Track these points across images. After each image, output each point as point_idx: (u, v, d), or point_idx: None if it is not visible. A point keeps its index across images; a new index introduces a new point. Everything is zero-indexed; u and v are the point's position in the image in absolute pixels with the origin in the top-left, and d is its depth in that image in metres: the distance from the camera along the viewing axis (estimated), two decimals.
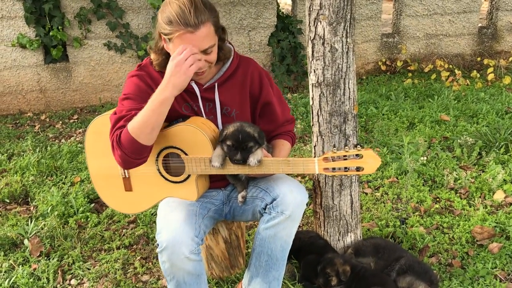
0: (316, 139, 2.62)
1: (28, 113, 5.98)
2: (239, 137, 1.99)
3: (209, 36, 1.94)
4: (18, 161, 4.28)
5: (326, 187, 2.65)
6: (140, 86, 2.07)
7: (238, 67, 2.22)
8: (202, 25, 1.90)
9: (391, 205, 3.28)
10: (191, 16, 1.87)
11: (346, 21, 2.43)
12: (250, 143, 2.01)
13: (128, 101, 2.03)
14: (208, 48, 1.95)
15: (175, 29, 1.89)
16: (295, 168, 2.03)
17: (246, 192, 2.18)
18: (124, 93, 2.07)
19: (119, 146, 1.91)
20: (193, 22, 1.87)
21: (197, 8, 1.89)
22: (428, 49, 7.04)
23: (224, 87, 2.18)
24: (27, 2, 5.51)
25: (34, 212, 3.42)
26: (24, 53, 5.78)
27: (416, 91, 5.88)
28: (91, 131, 2.22)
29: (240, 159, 1.98)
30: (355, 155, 1.98)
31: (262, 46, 6.41)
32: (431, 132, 4.48)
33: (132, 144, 1.89)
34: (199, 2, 1.91)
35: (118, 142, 1.91)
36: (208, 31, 1.93)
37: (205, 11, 1.91)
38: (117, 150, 1.93)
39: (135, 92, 2.05)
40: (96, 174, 2.26)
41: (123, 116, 1.97)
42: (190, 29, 1.88)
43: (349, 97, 2.53)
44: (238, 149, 1.99)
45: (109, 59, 6.06)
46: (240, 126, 2.04)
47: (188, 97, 2.14)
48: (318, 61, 2.49)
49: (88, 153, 2.25)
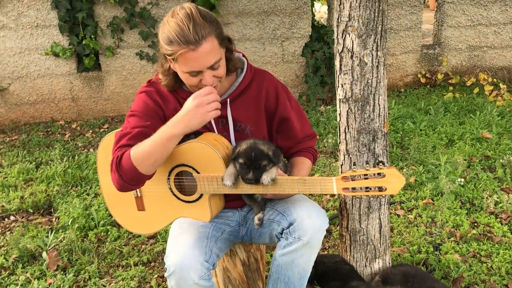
0: (343, 157, 2.49)
1: (60, 121, 6.06)
2: (252, 155, 1.90)
3: (214, 51, 1.84)
4: (45, 170, 4.31)
5: (353, 209, 2.51)
6: (148, 103, 2.00)
7: (252, 80, 2.11)
8: (203, 40, 1.80)
9: (425, 229, 3.10)
10: (190, 32, 1.78)
11: (376, 34, 2.31)
12: (264, 162, 1.91)
13: (134, 118, 1.97)
14: (214, 63, 1.86)
15: (176, 48, 1.80)
16: (312, 188, 1.91)
17: (263, 214, 2.08)
18: (131, 110, 2.02)
19: (118, 169, 1.86)
20: (193, 39, 1.78)
21: (196, 23, 1.79)
22: (471, 62, 6.77)
23: (237, 102, 2.09)
24: (61, 11, 5.60)
25: (55, 224, 3.41)
26: (57, 62, 5.87)
27: (457, 105, 5.65)
28: (102, 148, 2.16)
29: (252, 179, 1.88)
30: (376, 174, 1.84)
31: (295, 56, 6.31)
32: (471, 150, 4.26)
33: (131, 171, 1.84)
34: (197, 16, 1.81)
35: (117, 165, 1.86)
36: (212, 45, 1.83)
37: (205, 25, 1.81)
38: (115, 173, 1.87)
39: (142, 110, 1.99)
40: (108, 192, 2.20)
41: (126, 134, 1.91)
42: (191, 46, 1.79)
43: (379, 114, 2.39)
44: (250, 167, 1.89)
45: (141, 69, 6.08)
46: (253, 144, 1.94)
47: None
48: (346, 75, 2.37)
49: (100, 171, 2.20)
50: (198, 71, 1.86)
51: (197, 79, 1.90)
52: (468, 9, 6.51)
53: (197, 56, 1.81)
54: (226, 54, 1.97)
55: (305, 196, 2.10)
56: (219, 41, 1.87)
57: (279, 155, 1.96)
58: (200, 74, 1.88)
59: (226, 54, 1.97)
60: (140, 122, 1.93)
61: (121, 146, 1.89)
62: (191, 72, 1.87)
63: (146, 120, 1.93)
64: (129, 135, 1.91)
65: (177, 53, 1.81)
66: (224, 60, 1.94)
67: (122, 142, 1.90)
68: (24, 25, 5.65)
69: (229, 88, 2.08)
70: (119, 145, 1.90)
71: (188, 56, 1.81)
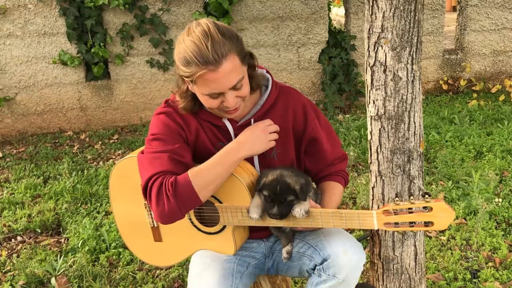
0: (374, 179, 2.33)
1: (68, 131, 5.96)
2: (277, 188, 1.75)
3: (235, 69, 1.70)
4: (53, 185, 4.20)
5: (386, 236, 2.35)
6: (170, 125, 1.86)
7: (277, 99, 1.97)
8: (224, 59, 1.65)
9: (460, 252, 2.94)
10: (209, 51, 1.63)
11: (412, 46, 2.16)
12: (290, 197, 1.76)
13: (158, 143, 1.82)
14: (237, 83, 1.72)
15: (194, 70, 1.66)
16: (349, 223, 1.76)
17: (291, 247, 1.93)
18: (152, 133, 1.86)
19: (175, 197, 1.69)
20: (212, 59, 1.64)
21: (214, 40, 1.65)
22: (495, 67, 6.59)
23: None
24: (69, 18, 5.51)
25: (65, 246, 3.28)
26: (65, 70, 5.78)
27: (483, 114, 5.47)
28: (116, 174, 2.02)
29: (276, 214, 1.74)
30: (422, 208, 1.69)
31: (312, 63, 6.16)
32: (502, 163, 4.08)
33: (191, 198, 1.71)
34: (215, 33, 1.67)
35: (174, 193, 1.69)
36: (233, 64, 1.68)
37: (224, 42, 1.66)
38: (168, 201, 1.70)
39: (165, 132, 1.84)
40: (122, 221, 2.06)
41: (155, 158, 1.77)
42: (211, 67, 1.64)
43: (414, 132, 2.24)
44: (275, 202, 1.75)
45: (152, 77, 5.97)
46: (279, 176, 1.79)
47: (221, 135, 1.92)
48: (378, 91, 2.22)
49: (113, 198, 2.06)
50: (219, 92, 1.72)
51: (218, 101, 1.76)
52: (492, 12, 6.34)
53: (218, 76, 1.67)
54: (249, 71, 1.83)
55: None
56: (241, 58, 1.73)
57: (307, 191, 1.79)
58: (222, 96, 1.74)
59: (249, 71, 1.83)
60: (167, 146, 1.80)
61: (159, 174, 1.74)
62: (211, 94, 1.73)
63: (172, 143, 1.80)
64: (158, 160, 1.76)
65: (196, 75, 1.66)
66: (247, 78, 1.80)
67: (157, 170, 1.75)
68: (31, 33, 5.57)
69: (253, 107, 1.94)
70: (156, 173, 1.74)
71: (208, 77, 1.67)
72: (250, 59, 1.83)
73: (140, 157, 1.84)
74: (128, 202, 2.00)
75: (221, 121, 1.89)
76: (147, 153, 1.82)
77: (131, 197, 1.97)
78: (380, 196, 2.33)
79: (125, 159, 1.99)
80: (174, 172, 1.75)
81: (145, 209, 2.00)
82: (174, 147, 1.78)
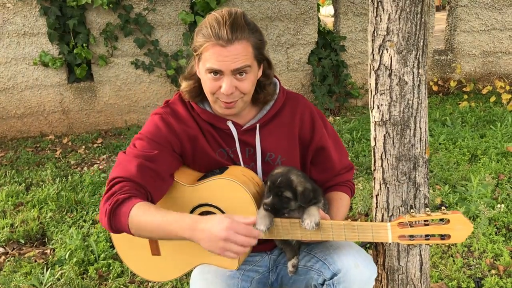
0: (379, 187, 2.28)
1: (49, 135, 5.83)
2: (277, 179, 1.70)
3: (244, 56, 1.66)
4: (36, 192, 4.08)
5: (391, 245, 2.30)
6: (160, 128, 1.80)
7: (284, 105, 1.91)
8: (237, 41, 1.63)
9: (462, 260, 2.90)
10: (225, 28, 1.61)
11: (418, 49, 2.11)
12: (287, 193, 1.70)
13: (140, 143, 1.78)
14: (241, 67, 1.66)
15: (205, 40, 1.65)
16: (362, 235, 1.70)
17: (297, 260, 1.86)
18: (141, 132, 1.83)
19: (110, 216, 1.63)
20: (226, 36, 1.61)
21: (235, 21, 1.64)
22: (485, 68, 6.62)
23: (268, 129, 1.88)
24: (51, 17, 5.38)
25: (51, 257, 3.16)
26: (46, 72, 5.65)
27: (474, 116, 5.48)
28: None
29: (268, 204, 1.68)
30: (439, 220, 1.64)
31: (301, 64, 6.11)
32: (497, 166, 4.08)
33: (123, 228, 1.64)
34: (240, 18, 1.66)
35: (111, 212, 1.62)
36: (244, 49, 1.65)
37: (244, 28, 1.65)
38: (104, 214, 1.64)
39: (151, 135, 1.79)
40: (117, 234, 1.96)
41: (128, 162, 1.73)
42: (221, 42, 1.62)
43: (420, 138, 2.19)
44: (271, 192, 1.70)
45: (136, 79, 5.86)
46: (287, 171, 1.75)
47: (223, 141, 1.85)
48: (383, 96, 2.17)
49: None
50: (219, 70, 1.67)
51: (217, 85, 1.70)
52: (482, 13, 6.36)
53: (224, 53, 1.64)
54: (262, 79, 1.78)
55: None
56: (255, 52, 1.70)
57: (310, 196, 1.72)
58: (222, 79, 1.68)
59: (262, 79, 1.78)
60: (145, 151, 1.74)
61: (121, 179, 1.68)
62: (212, 71, 1.67)
63: (153, 148, 1.75)
64: (131, 165, 1.70)
65: (204, 45, 1.65)
66: (254, 75, 1.74)
67: (123, 174, 1.69)
68: (10, 33, 5.42)
69: (259, 112, 1.87)
70: (119, 177, 1.69)
71: (214, 50, 1.64)
72: (267, 65, 1.81)
73: (120, 154, 1.80)
74: None
75: (224, 124, 1.83)
76: (127, 152, 1.78)
77: None
78: (384, 205, 2.28)
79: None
80: (136, 181, 1.68)
81: None
82: (151, 154, 1.73)
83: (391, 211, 2.26)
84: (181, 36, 5.77)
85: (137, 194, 1.66)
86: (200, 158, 1.85)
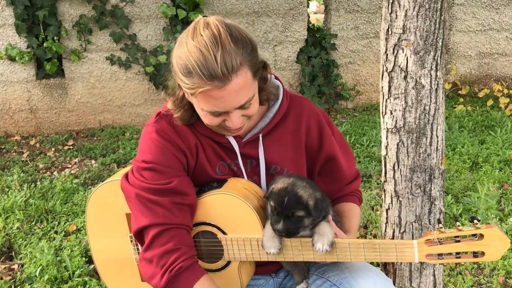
0: (390, 200, 2.18)
1: (15, 136, 5.64)
2: (284, 200, 1.55)
3: (246, 87, 1.49)
4: (1, 200, 3.88)
5: (402, 265, 2.20)
6: (165, 149, 1.64)
7: (288, 111, 1.78)
8: (234, 74, 1.44)
9: (472, 278, 2.82)
10: (217, 64, 1.41)
11: (436, 50, 2.02)
12: (299, 212, 1.56)
13: (152, 175, 1.61)
14: (245, 103, 1.52)
15: (197, 83, 1.45)
16: (385, 255, 1.59)
17: (307, 284, 1.75)
18: (145, 160, 1.64)
19: (167, 281, 1.57)
20: (220, 74, 1.42)
21: (224, 50, 1.43)
22: (481, 70, 6.62)
23: (271, 138, 1.76)
24: (19, 7, 5.20)
25: (19, 274, 2.99)
26: (12, 67, 5.49)
27: (472, 120, 5.45)
28: (93, 204, 1.78)
29: (281, 231, 1.55)
30: (471, 236, 1.54)
31: (289, 63, 6.02)
32: (501, 175, 4.03)
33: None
34: (227, 40, 1.45)
35: (170, 278, 1.57)
36: (244, 80, 1.47)
37: (236, 52, 1.45)
38: (160, 275, 1.58)
39: (160, 160, 1.63)
40: (102, 258, 1.82)
41: (152, 202, 1.59)
42: (217, 83, 1.43)
43: (436, 148, 2.10)
44: (280, 215, 1.55)
45: (112, 75, 5.70)
46: (291, 185, 1.59)
47: (224, 153, 1.72)
48: (397, 100, 2.07)
49: (90, 231, 1.82)
50: (223, 112, 1.53)
51: (219, 119, 1.56)
52: (478, 12, 6.36)
53: (224, 95, 1.46)
54: (260, 85, 1.63)
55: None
56: (253, 72, 1.52)
57: (321, 208, 1.60)
58: (225, 114, 1.54)
59: (260, 85, 1.63)
60: (165, 184, 1.60)
61: (162, 228, 1.59)
62: (213, 112, 1.53)
63: (171, 176, 1.60)
64: (158, 206, 1.58)
65: (198, 90, 1.45)
66: (257, 95, 1.60)
67: (157, 220, 1.57)
68: None
69: (261, 120, 1.74)
70: (157, 224, 1.59)
71: (212, 94, 1.46)
72: (263, 70, 1.64)
73: (129, 191, 1.63)
74: (109, 235, 1.77)
75: (223, 138, 1.69)
76: (140, 189, 1.61)
77: (113, 229, 1.76)
78: (396, 220, 2.18)
79: (105, 184, 1.76)
80: (177, 223, 1.59)
81: (130, 243, 1.77)
82: (173, 186, 1.59)
83: (403, 227, 2.17)
84: (161, 30, 5.62)
85: (190, 251, 1.60)
86: (198, 173, 1.72)
